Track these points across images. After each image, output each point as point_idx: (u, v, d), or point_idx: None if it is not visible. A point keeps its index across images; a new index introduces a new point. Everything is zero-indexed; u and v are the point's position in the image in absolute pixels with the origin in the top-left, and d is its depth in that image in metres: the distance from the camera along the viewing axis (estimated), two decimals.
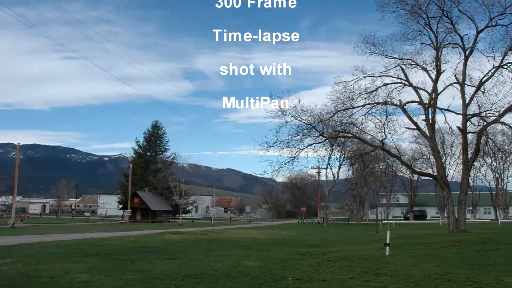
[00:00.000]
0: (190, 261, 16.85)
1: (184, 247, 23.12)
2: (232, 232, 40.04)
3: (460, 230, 32.48)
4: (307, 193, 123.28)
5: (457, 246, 20.33)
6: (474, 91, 34.28)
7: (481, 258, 16.18)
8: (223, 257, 18.47)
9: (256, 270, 14.13)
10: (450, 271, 13.15)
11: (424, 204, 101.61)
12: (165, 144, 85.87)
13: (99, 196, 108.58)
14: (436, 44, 34.71)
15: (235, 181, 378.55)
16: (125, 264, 15.34)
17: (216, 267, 14.96)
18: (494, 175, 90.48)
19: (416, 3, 33.35)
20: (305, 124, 36.57)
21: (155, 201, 75.45)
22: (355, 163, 66.60)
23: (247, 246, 25.30)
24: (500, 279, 11.70)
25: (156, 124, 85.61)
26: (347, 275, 13.14)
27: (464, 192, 34.77)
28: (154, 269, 14.22)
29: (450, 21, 33.66)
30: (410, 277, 12.49)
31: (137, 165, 79.93)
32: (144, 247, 22.26)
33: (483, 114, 33.65)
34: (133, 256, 18.08)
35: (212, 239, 30.30)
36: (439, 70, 35.01)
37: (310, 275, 13.24)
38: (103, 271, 13.37)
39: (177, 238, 29.77)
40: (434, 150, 37.21)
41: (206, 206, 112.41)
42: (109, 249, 20.93)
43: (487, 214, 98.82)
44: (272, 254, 20.46)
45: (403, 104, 35.20)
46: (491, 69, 33.74)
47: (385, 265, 15.05)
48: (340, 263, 15.96)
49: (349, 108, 36.15)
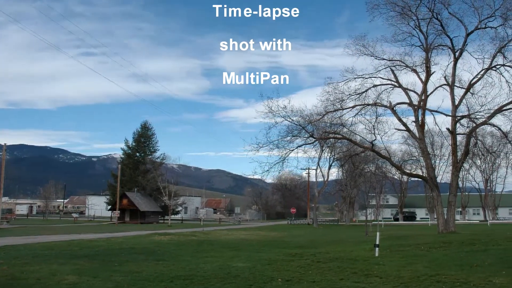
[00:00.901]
0: (179, 262, 16.75)
1: (173, 249, 22.99)
2: (221, 233, 39.95)
3: (449, 231, 32.67)
4: (297, 194, 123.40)
5: (447, 247, 20.43)
6: (464, 93, 34.52)
7: (470, 259, 16.25)
8: (213, 259, 18.39)
9: (245, 271, 14.07)
10: (440, 272, 13.19)
11: (413, 205, 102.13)
12: (154, 145, 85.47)
13: (88, 197, 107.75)
14: (426, 46, 34.88)
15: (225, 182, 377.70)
16: (113, 266, 15.20)
17: (205, 268, 14.89)
18: (483, 176, 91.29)
19: (406, 5, 33.49)
20: (295, 125, 36.55)
21: (144, 202, 75.02)
22: (345, 164, 66.79)
23: (236, 247, 25.22)
24: (489, 279, 11.75)
25: (146, 124, 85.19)
26: (337, 276, 13.13)
27: (454, 193, 34.99)
28: (142, 270, 14.10)
29: (440, 23, 33.88)
30: (400, 278, 12.50)
31: (126, 165, 79.47)
32: (132, 249, 22.09)
33: (472, 115, 33.87)
34: (122, 257, 17.93)
35: (201, 240, 30.18)
36: (428, 71, 35.20)
37: (299, 276, 13.21)
38: (91, 273, 13.23)
39: (166, 239, 29.61)
40: (423, 152, 37.42)
41: (195, 207, 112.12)
42: (97, 250, 20.75)
43: (476, 215, 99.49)
44: (261, 255, 20.39)
45: (393, 106, 35.34)
46: (480, 71, 33.99)
47: (374, 266, 15.06)
48: (330, 264, 15.93)
49: (339, 109, 36.18)
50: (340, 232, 49.93)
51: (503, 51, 32.89)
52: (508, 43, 32.64)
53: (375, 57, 35.61)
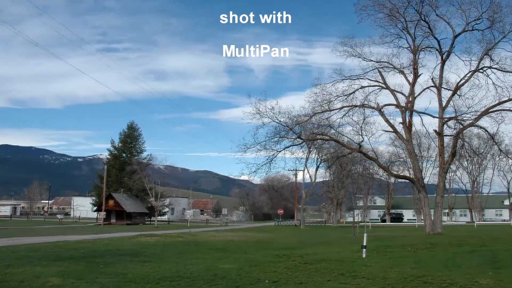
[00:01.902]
0: (165, 264, 16.63)
1: (159, 250, 22.82)
2: (208, 235, 39.77)
3: (436, 232, 32.91)
4: (284, 195, 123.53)
5: (433, 248, 20.53)
6: (451, 95, 34.84)
7: (457, 260, 16.34)
8: (199, 260, 18.29)
9: (232, 273, 14.00)
10: (426, 273, 13.22)
11: (400, 206, 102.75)
12: (141, 146, 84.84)
13: (73, 198, 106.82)
14: (414, 48, 35.11)
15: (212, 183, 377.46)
16: (99, 268, 15.03)
17: (192, 270, 14.79)
18: (470, 178, 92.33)
19: (394, 6, 33.70)
20: (282, 126, 36.56)
21: (130, 203, 74.45)
22: (332, 166, 66.89)
23: (223, 249, 25.13)
24: (475, 280, 11.80)
25: (132, 125, 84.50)
26: (324, 277, 13.10)
27: (441, 195, 35.27)
28: (128, 272, 13.96)
29: (428, 25, 34.12)
30: (387, 279, 12.50)
31: (112, 166, 78.80)
32: (118, 250, 21.87)
33: (459, 117, 34.17)
34: (107, 259, 17.74)
35: (188, 241, 30.02)
36: (416, 73, 35.43)
37: (287, 277, 13.17)
38: (76, 275, 13.05)
39: (153, 240, 29.41)
40: (411, 153, 37.65)
41: (182, 208, 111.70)
42: (83, 252, 20.49)
43: (463, 216, 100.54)
44: (248, 256, 20.33)
45: (381, 107, 35.51)
46: (467, 73, 34.36)
47: (362, 267, 15.07)
48: (317, 265, 15.91)
49: (327, 110, 36.27)
50: (327, 233, 50.03)
51: (490, 53, 33.28)
52: (495, 46, 33.06)
53: (363, 58, 35.85)
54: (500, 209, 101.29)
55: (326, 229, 63.50)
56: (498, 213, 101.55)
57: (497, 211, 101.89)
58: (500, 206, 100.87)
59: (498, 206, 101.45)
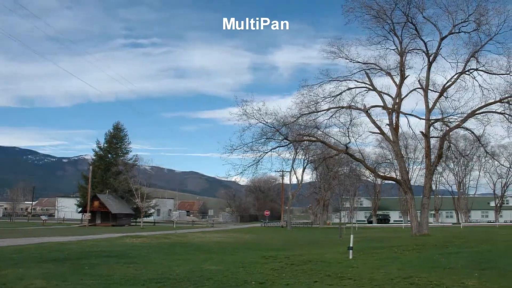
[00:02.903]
0: (151, 265, 16.51)
1: (145, 251, 22.65)
2: (194, 236, 39.59)
3: (422, 234, 33.10)
4: (270, 196, 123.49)
5: (420, 250, 20.66)
6: (437, 97, 35.11)
7: (443, 261, 16.44)
8: (185, 261, 18.19)
9: (218, 274, 13.94)
10: (413, 274, 13.28)
11: (387, 208, 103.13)
12: (127, 146, 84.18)
13: (57, 199, 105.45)
14: (401, 50, 35.31)
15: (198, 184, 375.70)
16: (84, 269, 14.87)
17: (178, 271, 14.70)
18: (456, 179, 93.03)
19: (381, 8, 33.83)
20: (269, 127, 36.56)
21: (116, 204, 73.81)
22: (319, 167, 67.10)
23: (209, 250, 25.04)
24: (461, 281, 11.88)
25: (118, 125, 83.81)
26: (311, 279, 13.09)
27: (427, 196, 35.50)
28: (113, 274, 13.83)
29: (415, 27, 34.35)
30: (373, 280, 12.53)
31: (97, 167, 78.03)
32: (103, 251, 21.66)
33: (446, 119, 34.51)
34: (92, 260, 17.56)
35: (174, 242, 29.85)
36: (403, 75, 35.64)
37: (273, 279, 13.14)
38: (60, 277, 12.90)
39: (138, 242, 29.20)
40: (397, 154, 37.86)
41: (168, 209, 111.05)
42: (67, 253, 20.26)
43: (449, 217, 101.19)
44: (235, 257, 20.27)
45: (367, 109, 35.66)
46: (454, 75, 34.70)
47: (348, 268, 15.09)
48: (304, 266, 15.90)
49: (314, 111, 36.33)
50: (314, 234, 50.11)
51: (476, 55, 33.63)
52: (481, 48, 33.43)
53: (350, 60, 35.98)
54: (486, 210, 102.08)
55: (313, 230, 63.60)
56: (484, 214, 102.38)
57: (483, 212, 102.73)
58: (486, 208, 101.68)
59: (484, 207, 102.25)
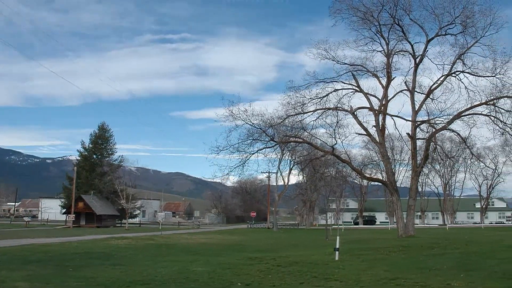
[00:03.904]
0: (136, 267, 16.36)
1: (130, 253, 22.46)
2: (180, 237, 39.40)
3: (408, 235, 33.25)
4: (257, 197, 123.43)
5: (406, 251, 20.75)
6: (424, 98, 35.33)
7: (429, 262, 16.53)
8: (171, 263, 18.06)
9: (204, 276, 13.86)
10: (399, 276, 13.33)
11: (373, 209, 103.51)
12: (112, 147, 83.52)
13: (41, 200, 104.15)
14: (387, 51, 35.46)
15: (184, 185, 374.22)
16: (68, 271, 14.67)
17: (163, 273, 14.59)
18: (442, 181, 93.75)
19: (368, 10, 33.97)
20: (255, 129, 36.51)
21: (101, 205, 73.17)
22: (305, 168, 67.17)
23: (195, 251, 24.93)
24: (447, 283, 11.94)
25: (103, 126, 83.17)
26: (297, 280, 13.07)
27: (413, 198, 35.70)
28: (98, 276, 13.66)
29: (401, 29, 34.54)
30: (360, 282, 12.55)
31: (82, 168, 77.28)
32: (88, 253, 21.43)
33: (432, 121, 34.72)
34: (76, 262, 17.35)
35: (159, 244, 29.67)
36: (389, 77, 35.80)
37: (259, 280, 13.10)
38: (44, 279, 12.72)
39: (123, 243, 28.96)
40: (383, 156, 38.03)
41: (154, 211, 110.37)
42: (51, 255, 19.99)
43: (435, 219, 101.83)
44: (221, 259, 20.18)
45: (354, 110, 35.75)
46: (440, 77, 34.96)
47: (334, 270, 15.10)
48: (290, 268, 15.88)
49: (300, 113, 36.30)
50: (300, 236, 50.17)
51: (463, 58, 33.95)
52: (467, 50, 33.70)
53: (337, 61, 36.01)
54: (471, 212, 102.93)
55: (299, 232, 63.72)
56: (469, 216, 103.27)
57: (468, 214, 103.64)
58: (472, 209, 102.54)
59: (469, 209, 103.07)
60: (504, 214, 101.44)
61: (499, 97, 32.78)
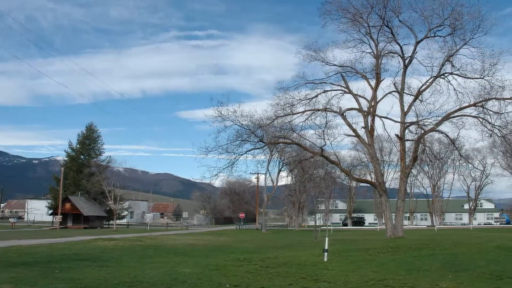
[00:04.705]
0: (124, 268, 16.19)
1: (118, 254, 22.24)
2: (168, 238, 39.16)
3: (397, 236, 33.36)
4: (245, 198, 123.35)
5: (395, 252, 20.75)
6: (413, 100, 35.51)
7: (418, 263, 16.56)
8: (159, 264, 17.91)
9: (193, 277, 13.76)
10: (388, 277, 13.35)
11: (362, 210, 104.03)
12: (100, 147, 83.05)
13: (27, 201, 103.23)
14: (376, 53, 35.60)
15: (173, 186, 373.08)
16: (54, 273, 14.45)
17: (151, 274, 14.45)
18: (431, 182, 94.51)
19: (357, 12, 34.09)
20: (244, 129, 36.48)
21: (88, 206, 72.68)
22: (294, 169, 67.20)
23: (183, 253, 24.76)
24: (436, 283, 11.98)
25: (91, 126, 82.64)
26: (286, 281, 13.03)
27: (402, 199, 35.84)
28: (85, 277, 13.49)
29: (391, 30, 34.69)
30: (348, 283, 12.54)
31: (69, 168, 76.68)
32: (75, 255, 21.16)
33: (420, 122, 34.85)
34: (63, 264, 17.12)
35: (147, 245, 29.43)
36: (378, 78, 35.95)
37: (248, 281, 13.03)
38: (29, 281, 12.51)
39: (111, 244, 28.68)
40: (372, 157, 38.12)
41: (142, 212, 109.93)
42: (37, 257, 19.71)
43: (424, 220, 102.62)
44: (209, 260, 20.07)
45: (343, 111, 35.84)
46: (429, 78, 35.17)
47: (323, 271, 15.08)
48: (279, 269, 15.84)
49: (289, 114, 36.34)
50: (289, 237, 50.15)
51: (451, 59, 34.14)
52: (456, 52, 33.89)
53: (326, 63, 36.10)
54: (460, 213, 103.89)
55: (288, 233, 63.72)
56: (458, 217, 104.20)
57: (457, 215, 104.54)
58: (460, 210, 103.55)
59: (458, 210, 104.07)
60: (492, 215, 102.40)
61: (487, 99, 33.06)
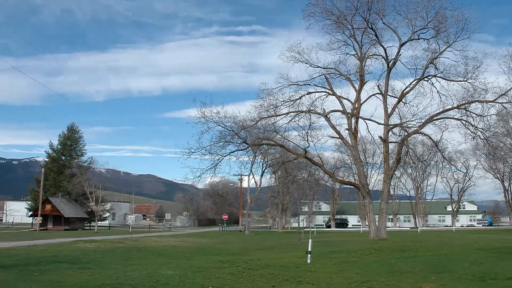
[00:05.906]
0: (105, 270, 16.01)
1: (99, 256, 21.98)
2: (150, 240, 38.88)
3: (380, 238, 33.44)
4: (228, 200, 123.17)
5: (378, 254, 20.81)
6: (396, 102, 35.67)
7: (401, 265, 16.63)
8: (141, 266, 17.77)
9: (175, 279, 13.68)
10: (371, 278, 13.38)
11: (345, 212, 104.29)
12: (82, 148, 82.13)
13: (6, 202, 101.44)
14: (360, 55, 35.72)
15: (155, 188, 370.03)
16: (33, 276, 14.22)
17: (133, 276, 14.32)
18: (414, 184, 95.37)
19: (341, 14, 34.07)
20: (228, 131, 36.28)
21: (69, 207, 71.80)
22: (278, 171, 67.23)
23: (166, 255, 24.62)
24: (418, 285, 12.06)
25: (73, 127, 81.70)
26: (269, 283, 13.01)
27: (385, 201, 35.92)
28: (65, 280, 13.31)
29: (375, 33, 34.79)
30: (332, 284, 12.56)
31: (50, 169, 75.65)
32: (55, 257, 20.86)
33: (404, 124, 34.97)
34: (42, 266, 16.86)
35: (129, 247, 29.17)
36: (362, 80, 36.07)
37: (231, 283, 13.01)
38: (7, 284, 12.34)
39: (92, 246, 28.36)
40: (356, 159, 38.22)
41: (124, 213, 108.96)
42: (15, 259, 19.37)
43: (407, 222, 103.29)
44: (192, 262, 19.98)
45: (327, 113, 35.88)
46: (412, 81, 35.35)
47: (306, 273, 15.08)
48: (262, 271, 15.80)
49: (273, 115, 36.26)
50: (272, 238, 50.19)
51: (435, 62, 34.35)
52: (439, 55, 34.16)
53: (310, 64, 36.03)
54: (443, 215, 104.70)
55: (271, 235, 63.78)
56: (441, 219, 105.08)
57: (440, 217, 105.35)
58: (443, 212, 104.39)
59: (441, 212, 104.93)
60: (475, 217, 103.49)
61: (470, 101, 33.37)
